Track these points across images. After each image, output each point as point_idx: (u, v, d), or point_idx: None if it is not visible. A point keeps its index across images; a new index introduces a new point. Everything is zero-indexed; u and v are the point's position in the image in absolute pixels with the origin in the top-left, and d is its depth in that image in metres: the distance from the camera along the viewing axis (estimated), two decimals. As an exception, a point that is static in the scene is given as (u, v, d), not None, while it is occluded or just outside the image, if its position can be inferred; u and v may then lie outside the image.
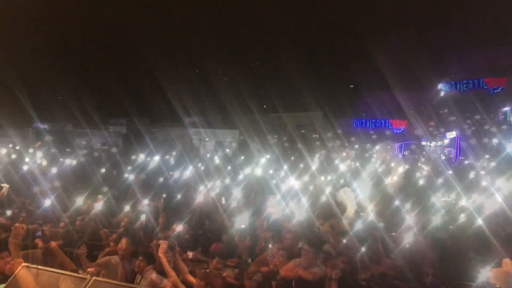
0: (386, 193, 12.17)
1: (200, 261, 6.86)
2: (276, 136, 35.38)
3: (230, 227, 8.24)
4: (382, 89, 39.12)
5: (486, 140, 25.56)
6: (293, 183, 12.77)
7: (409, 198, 11.25)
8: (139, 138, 32.84)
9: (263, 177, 15.09)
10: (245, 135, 34.64)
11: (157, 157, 16.68)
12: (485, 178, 14.56)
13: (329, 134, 33.98)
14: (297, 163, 19.01)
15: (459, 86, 37.48)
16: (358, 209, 10.39)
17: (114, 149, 22.95)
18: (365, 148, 30.66)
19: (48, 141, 25.50)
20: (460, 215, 9.73)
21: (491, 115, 32.65)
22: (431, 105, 36.08)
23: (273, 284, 6.88)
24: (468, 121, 31.47)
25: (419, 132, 33.36)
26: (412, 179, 15.64)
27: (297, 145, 29.17)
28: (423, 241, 7.70)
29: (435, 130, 32.68)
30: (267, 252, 7.39)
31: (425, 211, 10.21)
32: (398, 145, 34.87)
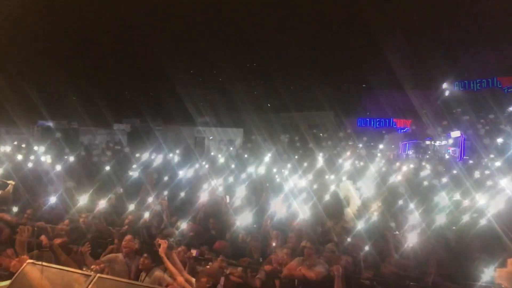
0: (391, 192, 12.14)
1: (204, 259, 6.87)
2: (286, 135, 35.36)
3: (235, 226, 8.25)
4: (390, 88, 39.07)
5: (501, 139, 25.39)
6: (298, 181, 12.78)
7: (414, 197, 11.23)
8: (144, 136, 32.94)
9: (268, 176, 15.10)
10: (256, 135, 34.66)
11: (161, 155, 16.74)
12: (492, 178, 14.51)
13: (338, 133, 34.00)
14: (302, 162, 18.98)
15: (472, 85, 37.33)
16: (362, 206, 10.39)
17: (127, 148, 22.96)
18: (370, 146, 30.61)
19: (58, 138, 25.60)
20: (464, 214, 9.70)
21: (505, 114, 32.46)
22: (443, 104, 35.87)
23: (276, 283, 6.90)
24: (482, 120, 31.31)
25: (424, 131, 33.23)
26: (417, 178, 15.60)
27: (306, 144, 29.16)
28: (427, 241, 7.69)
29: (446, 129, 32.47)
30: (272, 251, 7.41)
31: (429, 210, 10.19)
32: (403, 144, 34.80)
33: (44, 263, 4.80)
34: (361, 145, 30.66)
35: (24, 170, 13.66)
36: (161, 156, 16.89)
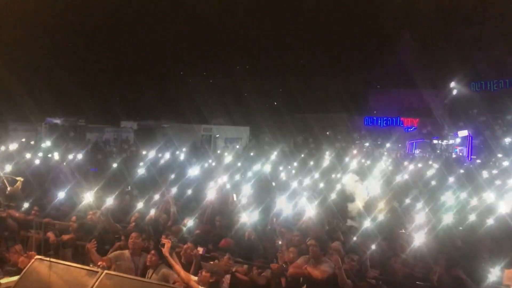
0: (397, 191, 12.11)
1: (211, 257, 6.89)
2: (298, 136, 35.42)
3: (242, 224, 8.25)
4: (398, 87, 38.91)
5: None
6: (304, 179, 12.78)
7: (421, 197, 11.19)
8: (151, 134, 33.04)
9: (274, 174, 15.10)
10: (263, 133, 34.72)
11: (168, 152, 16.79)
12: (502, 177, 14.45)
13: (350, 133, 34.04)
14: (308, 160, 18.97)
15: (489, 85, 37.20)
16: (368, 204, 10.36)
17: (134, 147, 23.06)
18: (377, 145, 30.53)
19: (63, 135, 25.77)
20: (471, 214, 9.65)
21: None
22: (455, 103, 35.67)
23: (282, 281, 6.90)
24: (500, 121, 31.25)
25: (431, 130, 33.12)
26: (424, 177, 15.55)
27: (317, 143, 29.18)
28: (433, 240, 7.66)
29: (455, 129, 32.36)
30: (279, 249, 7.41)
31: (436, 209, 10.14)
32: (410, 143, 34.67)
33: (52, 259, 4.84)
34: (368, 143, 30.59)
35: (32, 167, 13.76)
36: (168, 153, 16.94)
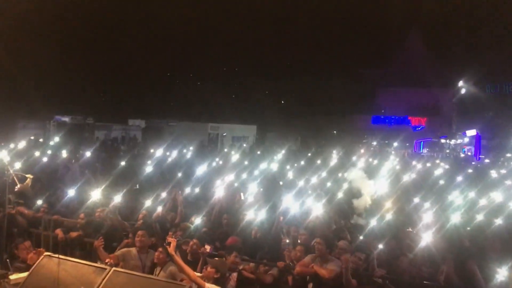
0: (405, 190, 12.06)
1: (218, 255, 6.90)
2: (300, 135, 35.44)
3: (249, 222, 8.26)
4: (406, 86, 38.72)
5: None
6: (311, 178, 12.77)
7: (428, 196, 11.14)
8: (158, 132, 33.16)
9: (281, 172, 15.10)
10: (270, 131, 34.70)
11: (175, 150, 16.84)
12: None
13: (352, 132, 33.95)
14: (315, 159, 18.95)
15: (506, 87, 37.20)
16: (376, 203, 10.33)
17: (141, 145, 23.14)
18: (385, 144, 30.43)
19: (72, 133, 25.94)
20: (479, 214, 9.59)
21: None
22: (468, 103, 35.54)
23: (289, 279, 6.91)
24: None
25: (439, 129, 32.96)
26: (431, 176, 15.48)
27: (322, 142, 29.15)
28: (441, 240, 7.62)
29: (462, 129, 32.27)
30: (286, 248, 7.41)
31: (443, 209, 10.09)
32: (417, 142, 34.49)
33: (61, 256, 4.89)
34: (375, 142, 30.48)
35: (41, 164, 13.86)
36: (176, 152, 16.99)
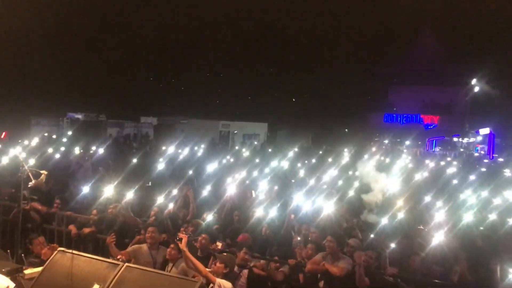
0: (417, 188, 11.98)
1: (230, 252, 6.92)
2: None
3: (260, 219, 8.27)
4: (418, 83, 38.46)
5: None
6: (323, 176, 12.74)
7: (440, 195, 11.06)
8: (170, 129, 33.30)
9: (292, 170, 15.08)
10: (287, 133, 34.73)
11: (187, 148, 16.91)
12: None
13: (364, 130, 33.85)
14: (327, 157, 18.89)
15: None
16: (387, 200, 10.27)
17: (153, 142, 23.24)
18: (396, 143, 30.23)
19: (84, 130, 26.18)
20: (492, 213, 9.51)
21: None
22: (482, 101, 35.20)
23: (300, 277, 6.92)
24: None
25: (452, 127, 32.69)
26: (444, 175, 15.36)
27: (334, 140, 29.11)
28: (453, 239, 7.57)
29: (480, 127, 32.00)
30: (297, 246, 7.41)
31: (456, 208, 10.00)
32: (429, 141, 34.22)
33: (74, 252, 4.93)
34: (387, 141, 30.30)
35: (54, 161, 14.00)
36: (188, 149, 17.04)
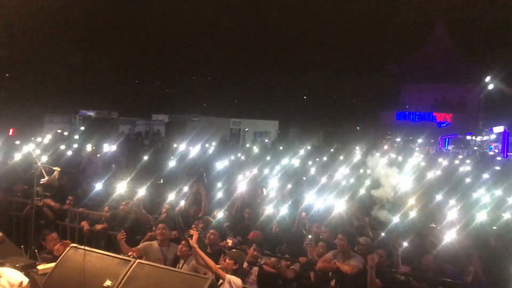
0: (429, 187, 11.88)
1: (240, 249, 6.91)
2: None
3: (271, 217, 8.27)
4: (431, 81, 38.16)
5: None
6: (334, 174, 12.70)
7: (453, 193, 10.96)
8: (181, 127, 33.44)
9: (303, 168, 15.05)
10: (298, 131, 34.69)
11: (198, 145, 16.95)
12: None
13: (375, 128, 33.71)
14: (338, 156, 18.82)
15: None
16: (399, 199, 10.20)
17: (164, 139, 23.36)
18: (409, 141, 30.03)
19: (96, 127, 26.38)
20: (506, 212, 9.40)
21: None
22: (496, 98, 34.82)
23: (311, 275, 6.90)
24: None
25: (465, 125, 32.38)
26: (456, 173, 15.22)
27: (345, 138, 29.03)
28: (466, 238, 7.50)
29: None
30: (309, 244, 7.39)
31: (469, 207, 9.90)
32: (442, 139, 33.92)
33: (87, 248, 4.99)
34: (399, 139, 30.10)
35: (66, 157, 14.13)
36: (199, 146, 17.09)
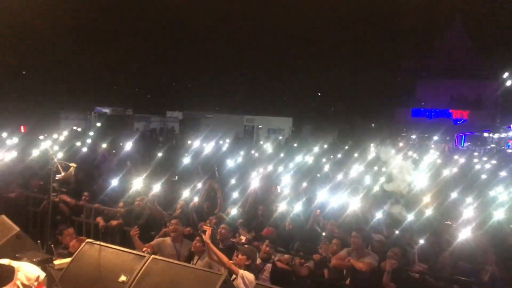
0: (445, 184, 11.76)
1: (254, 245, 6.92)
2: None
3: (284, 214, 8.25)
4: (447, 77, 37.75)
5: None
6: (349, 172, 12.63)
7: (469, 191, 10.82)
8: (195, 124, 33.56)
9: (317, 165, 14.99)
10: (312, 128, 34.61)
11: (212, 142, 16.99)
12: None
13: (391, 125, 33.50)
14: (352, 153, 18.72)
15: None
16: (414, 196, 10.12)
17: (179, 136, 23.48)
18: (424, 138, 29.75)
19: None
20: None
21: None
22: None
23: (325, 272, 6.88)
24: None
25: (484, 122, 31.97)
26: (473, 171, 15.03)
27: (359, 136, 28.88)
28: (483, 237, 7.40)
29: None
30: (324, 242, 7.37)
31: (485, 205, 9.77)
32: (458, 136, 33.52)
33: (102, 243, 5.03)
34: (414, 136, 29.82)
35: (81, 154, 14.27)
36: (213, 143, 17.12)
